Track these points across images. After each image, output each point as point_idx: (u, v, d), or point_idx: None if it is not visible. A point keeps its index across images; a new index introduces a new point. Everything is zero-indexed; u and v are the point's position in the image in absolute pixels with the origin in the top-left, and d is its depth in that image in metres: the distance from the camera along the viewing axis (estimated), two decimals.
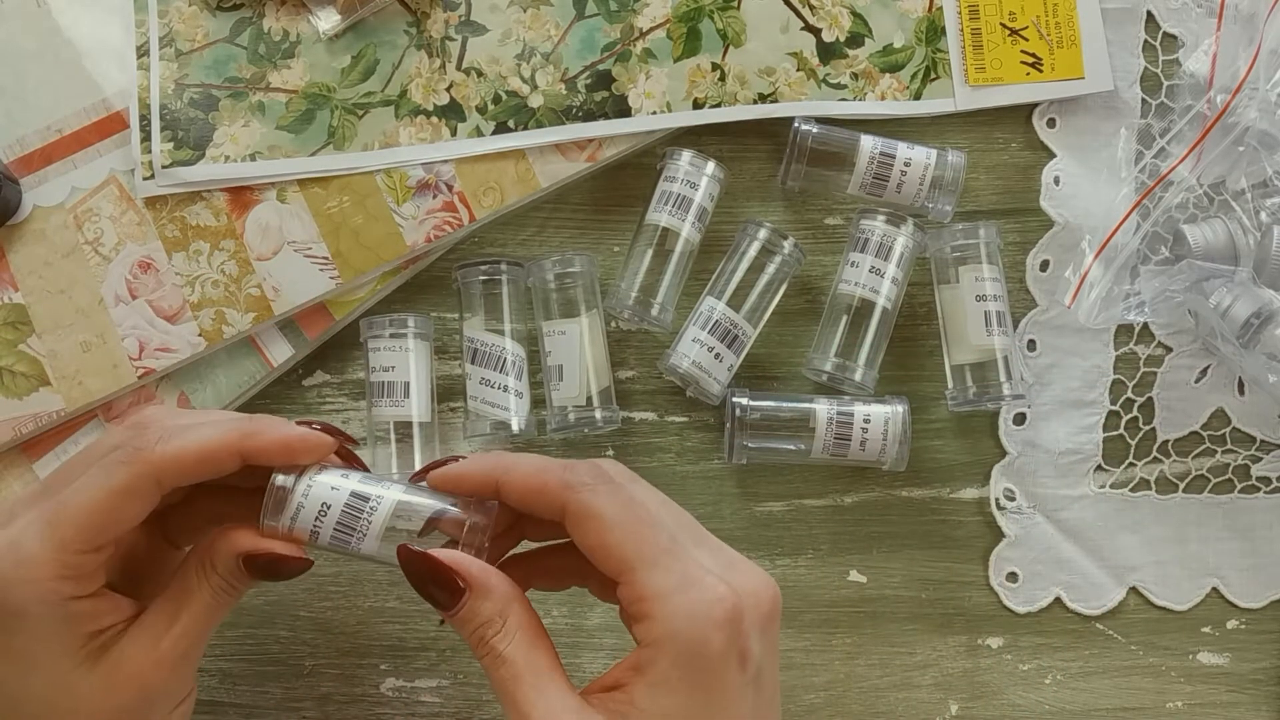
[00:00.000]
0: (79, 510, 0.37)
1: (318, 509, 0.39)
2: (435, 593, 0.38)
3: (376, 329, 0.51)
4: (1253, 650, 0.55)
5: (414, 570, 0.38)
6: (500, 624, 0.37)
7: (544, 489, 0.38)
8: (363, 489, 0.40)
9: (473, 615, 0.37)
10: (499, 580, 0.38)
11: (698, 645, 0.35)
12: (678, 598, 0.36)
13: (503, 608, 0.37)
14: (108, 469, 0.37)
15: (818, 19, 0.55)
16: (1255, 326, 0.50)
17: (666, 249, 0.52)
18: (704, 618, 0.35)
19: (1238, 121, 0.53)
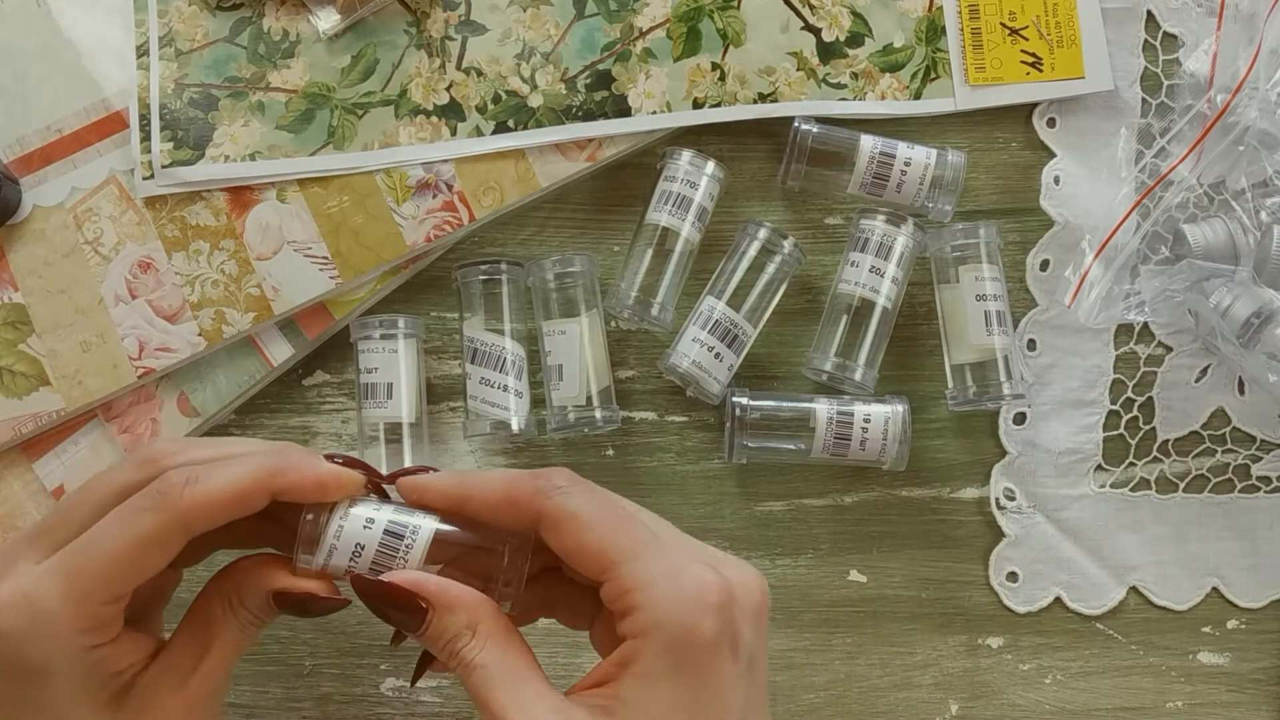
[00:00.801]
0: (102, 562, 0.35)
1: (352, 548, 0.38)
2: (398, 617, 0.37)
3: (365, 330, 0.52)
4: (1253, 650, 0.55)
5: (371, 598, 0.37)
6: (470, 635, 0.36)
7: (516, 499, 0.37)
8: (397, 525, 0.38)
9: (441, 632, 0.36)
10: (462, 592, 0.37)
11: (687, 631, 0.34)
12: (665, 584, 0.35)
13: (470, 618, 0.36)
14: (132, 517, 0.35)
15: (818, 18, 0.55)
16: (1255, 326, 0.50)
17: (666, 249, 0.52)
18: (694, 602, 0.34)
19: (1238, 121, 0.53)
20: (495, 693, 0.35)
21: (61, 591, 0.35)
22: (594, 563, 0.36)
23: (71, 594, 0.35)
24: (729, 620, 0.35)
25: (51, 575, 0.35)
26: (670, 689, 0.34)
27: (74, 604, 0.35)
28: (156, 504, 0.35)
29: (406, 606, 0.36)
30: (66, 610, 0.35)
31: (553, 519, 0.36)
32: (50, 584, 0.35)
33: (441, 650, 0.36)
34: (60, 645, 0.35)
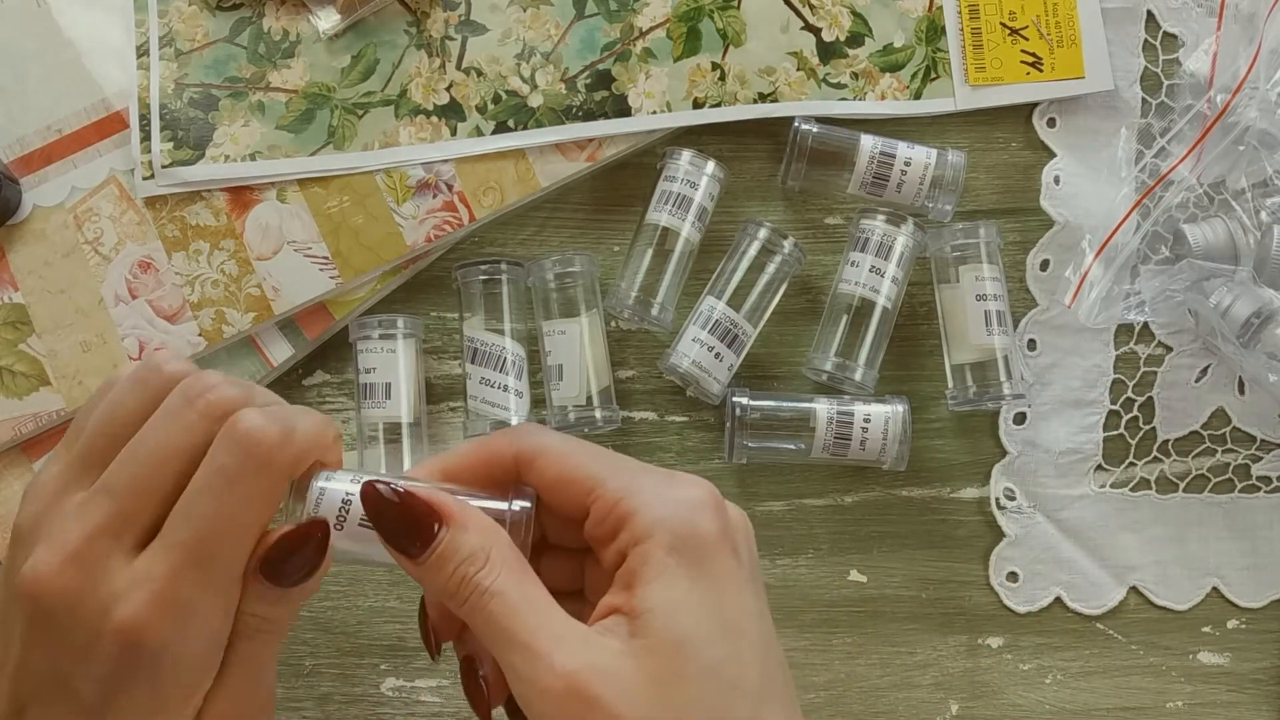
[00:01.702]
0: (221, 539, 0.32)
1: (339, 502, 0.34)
2: (406, 532, 0.33)
3: (364, 330, 0.52)
4: (1253, 650, 0.55)
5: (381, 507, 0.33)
6: (484, 559, 0.33)
7: (490, 450, 0.35)
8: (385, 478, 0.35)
9: (452, 551, 0.33)
10: (477, 513, 0.34)
11: (689, 527, 0.32)
12: (656, 489, 0.33)
13: (484, 541, 0.33)
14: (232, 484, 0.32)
15: (818, 18, 0.55)
16: (1255, 326, 0.50)
17: (666, 248, 0.52)
18: (688, 504, 0.33)
19: (1238, 121, 0.53)
20: (518, 620, 0.32)
21: (199, 581, 0.32)
22: (578, 486, 0.34)
23: (211, 582, 0.32)
24: (725, 523, 0.33)
25: (181, 569, 0.32)
26: (689, 586, 0.32)
27: (214, 591, 0.32)
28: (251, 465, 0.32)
29: (419, 518, 0.33)
30: (209, 600, 0.32)
31: (529, 455, 0.35)
32: (186, 578, 0.32)
33: (451, 579, 0.33)
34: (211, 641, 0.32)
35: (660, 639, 0.31)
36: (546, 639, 0.31)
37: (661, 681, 0.31)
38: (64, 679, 0.32)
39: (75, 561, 0.32)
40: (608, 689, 0.31)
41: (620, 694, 0.31)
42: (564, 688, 0.31)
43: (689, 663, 0.31)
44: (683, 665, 0.31)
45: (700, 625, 0.32)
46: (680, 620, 0.32)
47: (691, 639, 0.31)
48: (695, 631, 0.31)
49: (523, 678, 0.31)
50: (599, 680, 0.31)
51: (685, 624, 0.32)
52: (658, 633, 0.31)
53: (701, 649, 0.31)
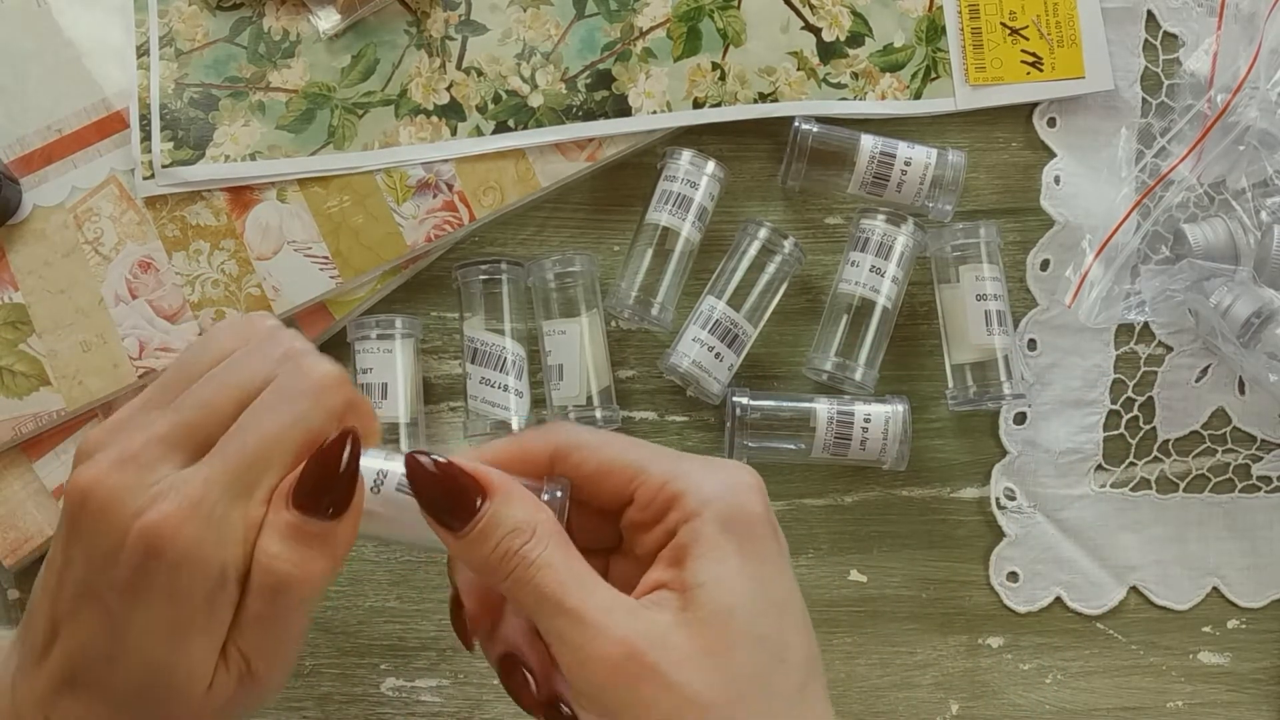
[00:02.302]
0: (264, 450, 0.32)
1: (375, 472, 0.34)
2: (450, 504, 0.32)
3: (362, 330, 0.52)
4: (1253, 650, 0.55)
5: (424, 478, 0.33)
6: (531, 531, 0.32)
7: (525, 445, 0.35)
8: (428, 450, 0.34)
9: (498, 524, 0.32)
10: (522, 489, 0.33)
11: (738, 508, 0.33)
12: (703, 471, 0.34)
13: (529, 514, 0.33)
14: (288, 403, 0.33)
15: (818, 18, 0.55)
16: (1256, 326, 0.49)
17: (667, 248, 0.52)
18: (736, 483, 0.34)
19: (1238, 121, 0.53)
20: (568, 590, 0.32)
21: (233, 493, 0.32)
22: (619, 475, 0.34)
23: (244, 495, 0.32)
24: (767, 505, 0.34)
25: (217, 478, 0.32)
26: (739, 561, 0.32)
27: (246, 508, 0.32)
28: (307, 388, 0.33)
29: (463, 490, 0.33)
30: (238, 515, 0.32)
31: (566, 448, 0.35)
32: (220, 487, 0.32)
33: (495, 551, 0.32)
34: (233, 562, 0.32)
35: (712, 610, 0.32)
36: (598, 608, 0.31)
37: (713, 652, 0.31)
38: (94, 590, 0.32)
39: (126, 463, 0.32)
40: (663, 656, 0.31)
41: (675, 662, 0.31)
42: (620, 654, 0.31)
43: (740, 634, 0.32)
44: (734, 636, 0.31)
45: (750, 599, 0.32)
46: (731, 593, 0.32)
47: (742, 611, 0.32)
48: (746, 604, 0.32)
49: (575, 647, 0.31)
50: (654, 648, 0.31)
51: (736, 597, 0.32)
52: (709, 604, 0.32)
53: (752, 621, 0.32)
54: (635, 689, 0.31)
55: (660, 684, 0.31)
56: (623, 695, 0.31)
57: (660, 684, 0.31)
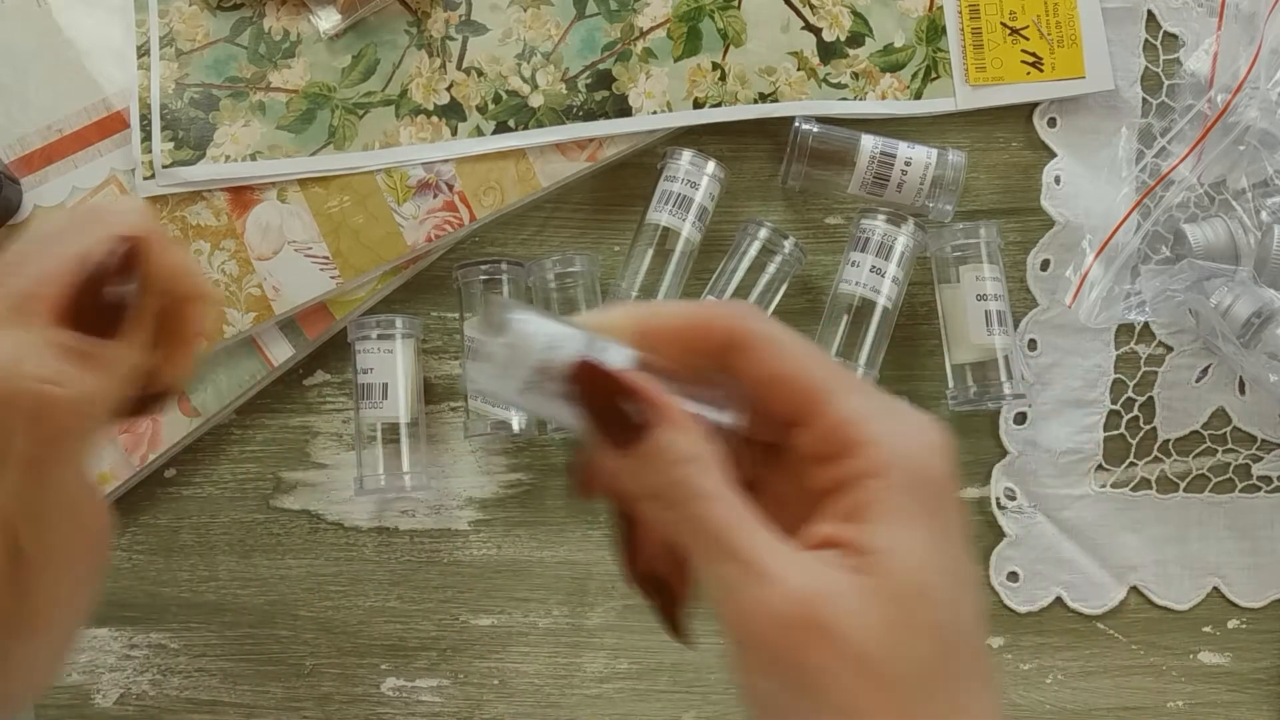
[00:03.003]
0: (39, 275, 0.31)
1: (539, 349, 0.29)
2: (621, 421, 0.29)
3: (363, 330, 0.52)
4: (1253, 650, 0.54)
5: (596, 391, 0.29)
6: (703, 461, 0.29)
7: (708, 320, 0.31)
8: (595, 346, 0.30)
9: (667, 448, 0.29)
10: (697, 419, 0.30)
11: (926, 471, 0.29)
12: (891, 422, 0.30)
13: (699, 446, 0.29)
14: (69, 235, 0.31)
15: (818, 18, 0.55)
16: (1256, 326, 0.49)
17: (667, 248, 0.52)
18: (923, 442, 0.30)
19: (1238, 121, 0.53)
20: (739, 531, 0.28)
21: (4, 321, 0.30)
22: (799, 394, 0.30)
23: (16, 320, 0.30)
24: (952, 464, 0.30)
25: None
26: (928, 534, 0.29)
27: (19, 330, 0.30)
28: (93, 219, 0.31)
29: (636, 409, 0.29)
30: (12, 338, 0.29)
31: (750, 341, 0.30)
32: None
33: (663, 475, 0.29)
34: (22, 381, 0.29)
35: (901, 583, 0.28)
36: (772, 555, 0.28)
37: (895, 626, 0.28)
38: None
39: None
40: (845, 623, 0.28)
41: (858, 630, 0.28)
42: (797, 612, 0.28)
43: (925, 613, 0.28)
44: (919, 614, 0.28)
45: (939, 577, 0.29)
46: (923, 568, 0.29)
47: (929, 588, 0.29)
48: (934, 582, 0.29)
49: (740, 594, 0.28)
50: (836, 611, 0.28)
51: (924, 573, 0.29)
52: (898, 576, 0.28)
53: (940, 601, 0.29)
54: (809, 652, 0.27)
55: (839, 652, 0.27)
56: (793, 657, 0.28)
57: (839, 652, 0.27)
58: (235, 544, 0.54)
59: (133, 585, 0.54)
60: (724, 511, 0.28)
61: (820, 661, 0.27)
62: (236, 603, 0.54)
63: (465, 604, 0.54)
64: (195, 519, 0.54)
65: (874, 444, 0.29)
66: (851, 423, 0.30)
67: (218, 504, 0.54)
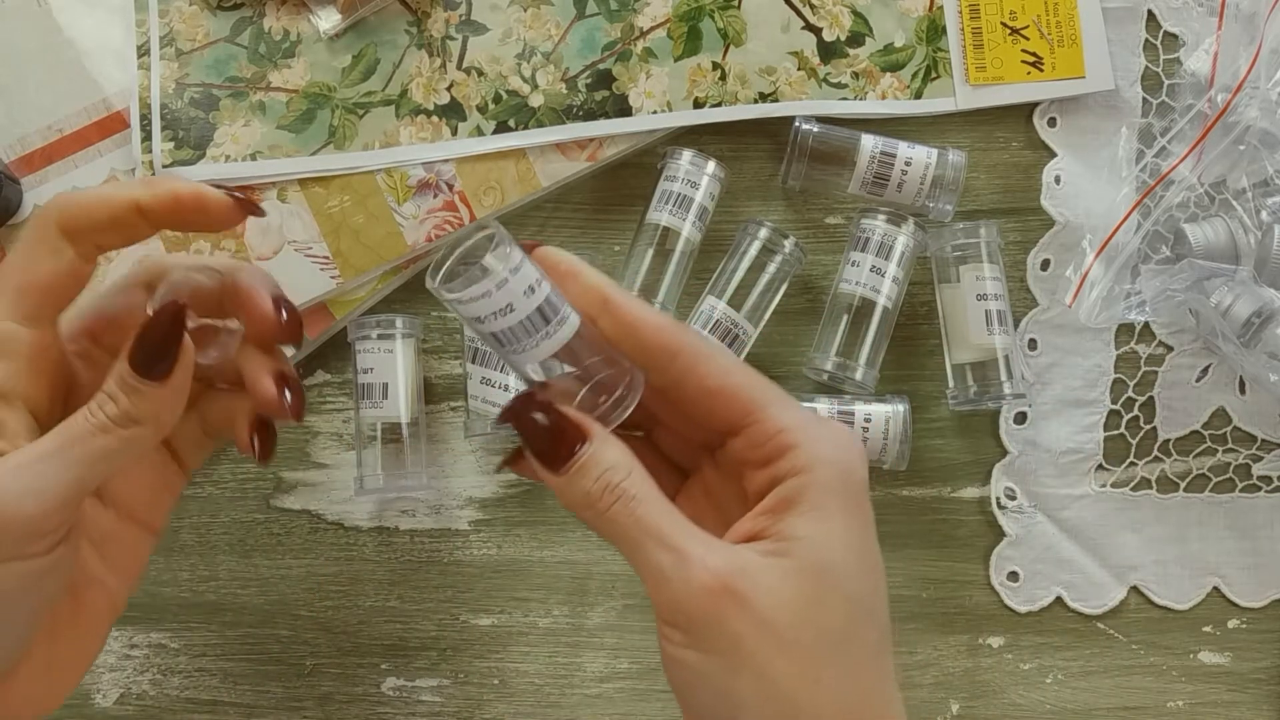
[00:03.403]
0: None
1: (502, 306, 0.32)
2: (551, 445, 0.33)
3: (363, 330, 0.52)
4: (1254, 649, 0.55)
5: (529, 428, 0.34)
6: (628, 469, 0.33)
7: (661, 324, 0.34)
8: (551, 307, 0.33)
9: (597, 461, 0.33)
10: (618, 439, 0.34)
11: (847, 471, 0.34)
12: (817, 427, 0.34)
13: (626, 454, 0.34)
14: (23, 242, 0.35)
15: (818, 18, 0.55)
16: (1256, 325, 0.49)
17: (667, 248, 0.52)
18: (846, 446, 0.34)
19: (1239, 120, 0.53)
20: (666, 523, 0.33)
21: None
22: (737, 405, 0.34)
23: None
24: (867, 474, 0.35)
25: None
26: (843, 523, 0.33)
27: None
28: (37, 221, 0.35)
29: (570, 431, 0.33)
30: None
31: (694, 355, 0.34)
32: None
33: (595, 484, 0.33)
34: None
35: (811, 562, 0.32)
36: (696, 541, 0.32)
37: (807, 601, 0.32)
38: None
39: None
40: (757, 593, 0.32)
41: (768, 600, 0.32)
42: (718, 585, 0.31)
43: (834, 590, 0.33)
44: (828, 590, 0.32)
45: (849, 559, 0.33)
46: (832, 550, 0.33)
47: (839, 567, 0.33)
48: (844, 562, 0.33)
49: (671, 577, 0.32)
50: (749, 584, 0.32)
51: (835, 554, 0.33)
52: (809, 556, 0.33)
53: (848, 578, 0.33)
54: (726, 620, 0.31)
55: (752, 619, 0.31)
56: (714, 626, 0.31)
57: (752, 619, 0.31)
58: (235, 544, 0.54)
59: None
60: (651, 509, 0.33)
61: (738, 628, 0.31)
62: (236, 602, 0.54)
63: (465, 604, 0.54)
64: (195, 519, 0.54)
65: (802, 446, 0.33)
66: (785, 430, 0.34)
67: (218, 504, 0.54)
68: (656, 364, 0.35)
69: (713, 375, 0.34)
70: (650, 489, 0.33)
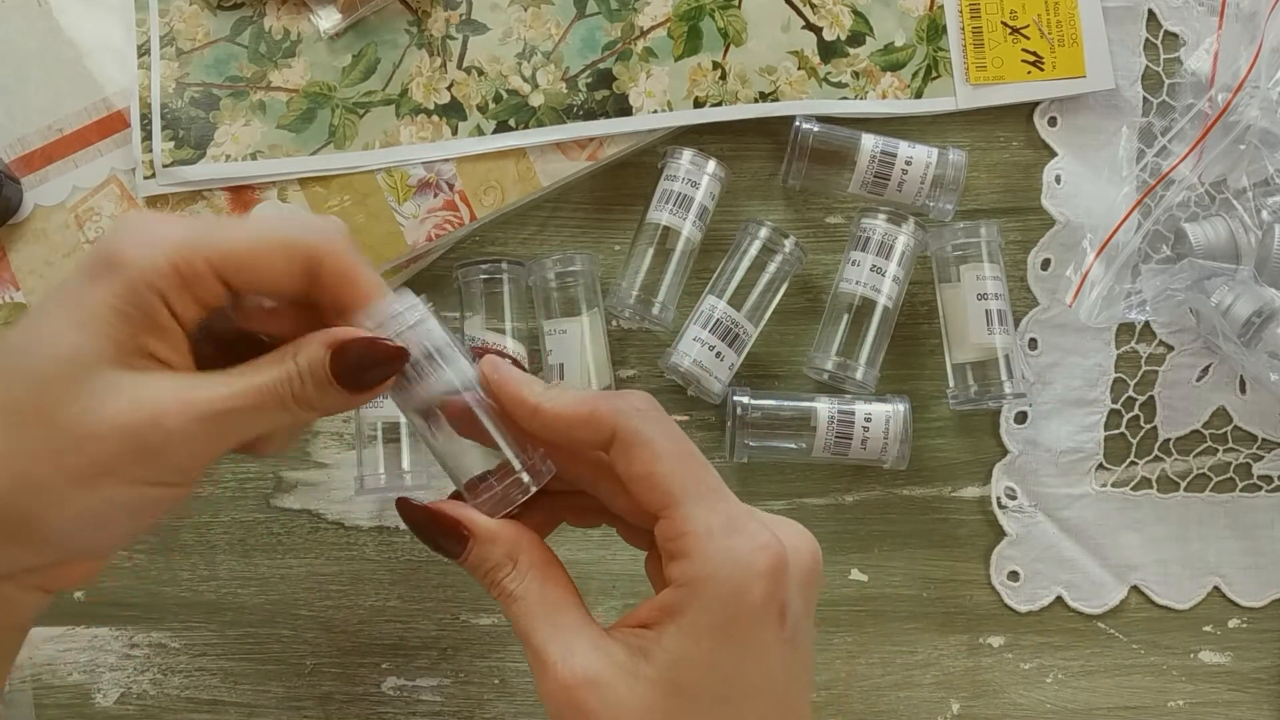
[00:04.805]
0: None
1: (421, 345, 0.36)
2: (441, 541, 0.37)
3: None
4: (1254, 649, 0.55)
5: (416, 521, 0.37)
6: (510, 566, 0.36)
7: (594, 413, 0.36)
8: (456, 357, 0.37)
9: (481, 561, 0.36)
10: (503, 526, 0.37)
11: (736, 594, 0.33)
12: (722, 540, 0.34)
13: (510, 550, 0.36)
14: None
15: (819, 18, 0.55)
16: (1256, 325, 0.49)
17: (668, 248, 0.52)
18: (746, 565, 0.33)
19: (1239, 120, 0.53)
20: (534, 624, 0.35)
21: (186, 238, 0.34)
22: (657, 495, 0.35)
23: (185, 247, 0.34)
24: (779, 587, 0.34)
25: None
26: (711, 648, 0.33)
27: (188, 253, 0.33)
28: None
29: (450, 533, 0.37)
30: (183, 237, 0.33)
31: (627, 440, 0.35)
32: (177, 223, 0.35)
33: (484, 579, 0.37)
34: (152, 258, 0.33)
35: (665, 678, 0.33)
36: (558, 647, 0.34)
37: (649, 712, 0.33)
38: None
39: None
40: (603, 706, 0.33)
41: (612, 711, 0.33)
42: (565, 695, 0.34)
43: (682, 711, 0.33)
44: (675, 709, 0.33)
45: (707, 685, 0.34)
46: (690, 672, 0.33)
47: (692, 691, 0.33)
48: (699, 688, 0.33)
49: (537, 677, 0.35)
50: (596, 696, 0.33)
51: (692, 677, 0.33)
52: (665, 674, 0.33)
53: (699, 705, 0.34)
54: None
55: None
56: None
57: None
58: (236, 543, 0.54)
59: (133, 584, 0.54)
60: (525, 608, 0.35)
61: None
62: (237, 602, 0.54)
63: (466, 603, 0.54)
64: (196, 518, 0.54)
65: (694, 558, 0.34)
66: (687, 534, 0.34)
67: (218, 503, 0.54)
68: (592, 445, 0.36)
69: (640, 461, 0.35)
70: (532, 585, 0.36)
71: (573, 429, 0.36)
